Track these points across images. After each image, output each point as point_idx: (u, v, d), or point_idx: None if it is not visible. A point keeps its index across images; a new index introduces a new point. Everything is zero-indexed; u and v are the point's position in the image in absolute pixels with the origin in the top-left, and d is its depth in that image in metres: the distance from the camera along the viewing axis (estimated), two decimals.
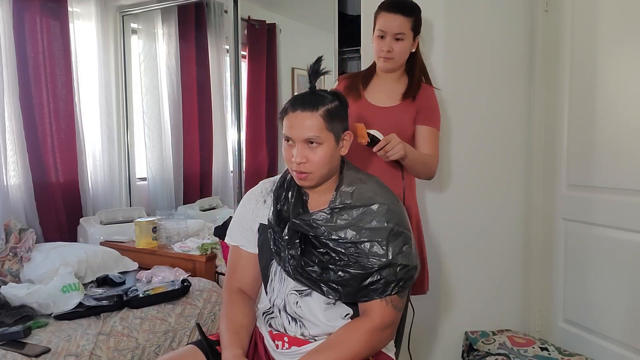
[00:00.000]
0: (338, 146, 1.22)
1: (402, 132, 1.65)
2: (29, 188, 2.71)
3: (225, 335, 1.23)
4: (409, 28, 1.64)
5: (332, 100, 1.20)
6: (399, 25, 1.62)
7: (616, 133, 1.95)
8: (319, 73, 1.23)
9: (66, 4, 2.90)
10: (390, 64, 1.68)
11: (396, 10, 1.62)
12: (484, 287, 2.27)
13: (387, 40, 1.64)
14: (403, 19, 1.62)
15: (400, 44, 1.64)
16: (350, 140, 1.26)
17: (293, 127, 1.18)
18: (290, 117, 1.18)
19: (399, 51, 1.65)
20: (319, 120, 1.16)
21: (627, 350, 1.93)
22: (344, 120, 1.23)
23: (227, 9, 2.94)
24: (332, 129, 1.18)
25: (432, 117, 1.73)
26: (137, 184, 3.42)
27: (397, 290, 1.16)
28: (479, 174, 2.23)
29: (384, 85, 1.75)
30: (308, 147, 1.18)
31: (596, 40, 2.02)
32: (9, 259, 2.37)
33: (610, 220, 1.99)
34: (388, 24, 1.63)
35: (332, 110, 1.19)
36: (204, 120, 3.45)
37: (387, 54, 1.65)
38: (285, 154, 1.22)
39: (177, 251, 2.58)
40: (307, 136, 1.17)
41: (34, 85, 2.76)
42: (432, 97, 1.74)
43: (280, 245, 1.22)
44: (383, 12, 1.65)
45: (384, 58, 1.67)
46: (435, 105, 1.74)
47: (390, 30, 1.63)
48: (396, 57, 1.66)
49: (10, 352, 1.64)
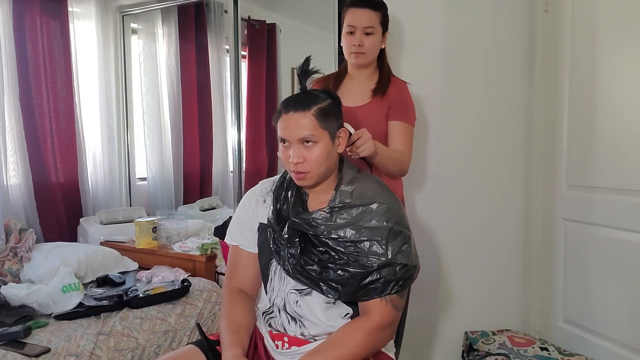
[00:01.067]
0: (334, 144, 1.22)
1: (375, 131, 1.62)
2: (29, 188, 2.71)
3: (225, 335, 1.23)
4: (378, 22, 1.64)
5: (324, 99, 1.20)
6: (369, 19, 1.62)
7: (616, 133, 1.95)
8: (309, 73, 1.24)
9: (66, 4, 2.90)
10: (362, 59, 1.67)
11: (364, 5, 1.63)
12: (484, 287, 2.27)
13: (357, 35, 1.64)
14: (372, 13, 1.63)
15: (370, 38, 1.64)
16: (346, 138, 1.26)
17: (287, 128, 1.19)
18: (284, 119, 1.19)
19: (370, 46, 1.65)
20: (313, 119, 1.17)
21: (627, 350, 1.93)
22: (338, 117, 1.24)
23: (227, 9, 2.94)
24: (326, 127, 1.19)
25: (404, 111, 1.70)
26: (137, 184, 3.42)
27: (397, 290, 1.16)
28: (479, 174, 2.23)
29: (356, 84, 1.74)
30: (304, 146, 1.18)
31: (596, 40, 2.02)
32: (9, 259, 2.37)
33: (610, 220, 1.99)
34: (357, 19, 1.63)
35: (325, 108, 1.19)
36: (204, 120, 3.45)
37: (358, 48, 1.64)
38: (282, 155, 1.22)
39: (177, 251, 2.57)
40: (302, 136, 1.17)
41: (34, 85, 2.76)
42: (403, 92, 1.71)
43: (280, 244, 1.23)
44: (351, 8, 1.65)
45: (356, 53, 1.66)
46: (407, 100, 1.71)
47: (359, 25, 1.63)
48: (368, 51, 1.66)
49: (10, 352, 1.63)
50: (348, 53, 1.69)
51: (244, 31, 3.08)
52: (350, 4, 1.66)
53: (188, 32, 3.37)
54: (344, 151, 1.30)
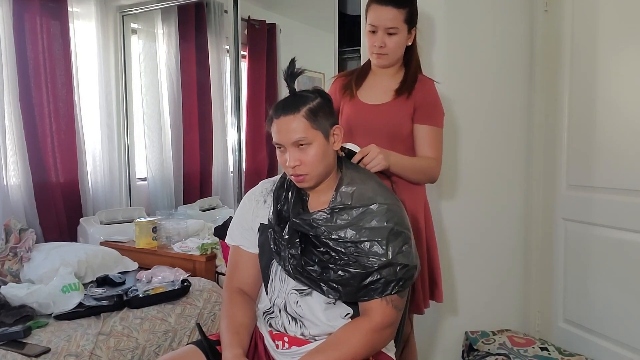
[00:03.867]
0: (329, 142, 1.22)
1: (397, 131, 1.57)
2: (29, 188, 2.71)
3: (225, 335, 1.23)
4: (402, 21, 1.51)
5: (313, 99, 1.20)
6: (392, 19, 1.49)
7: (616, 133, 1.96)
8: (295, 75, 1.23)
9: (66, 4, 2.90)
10: (384, 60, 1.57)
11: (387, 2, 1.49)
12: (484, 287, 2.27)
13: (379, 35, 1.52)
14: (395, 12, 1.49)
15: (393, 38, 1.52)
16: (341, 134, 1.25)
17: (280, 132, 1.19)
18: (275, 124, 1.20)
19: (393, 46, 1.53)
20: (303, 121, 1.17)
21: (627, 350, 1.93)
22: (330, 115, 1.23)
23: (227, 9, 2.94)
24: (318, 126, 1.19)
25: (433, 114, 1.59)
26: (137, 184, 3.42)
27: (397, 290, 1.16)
28: (479, 174, 2.23)
29: (379, 81, 1.63)
30: (299, 149, 1.18)
31: (596, 41, 2.02)
32: (9, 259, 2.37)
33: (610, 220, 1.99)
34: (379, 18, 1.50)
35: (315, 108, 1.19)
36: (204, 120, 3.45)
37: (379, 49, 1.53)
38: (280, 160, 1.23)
39: (177, 251, 2.57)
40: (295, 139, 1.17)
41: (34, 85, 2.76)
42: (431, 92, 1.60)
43: (281, 245, 1.23)
44: (374, 5, 1.52)
45: (377, 54, 1.55)
46: (435, 101, 1.60)
47: (381, 25, 1.50)
48: (390, 52, 1.54)
49: (10, 352, 1.63)
50: (370, 53, 1.58)
51: (244, 31, 3.08)
52: (373, 0, 1.53)
53: (188, 32, 3.37)
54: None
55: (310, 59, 2.91)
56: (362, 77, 1.67)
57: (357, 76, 1.68)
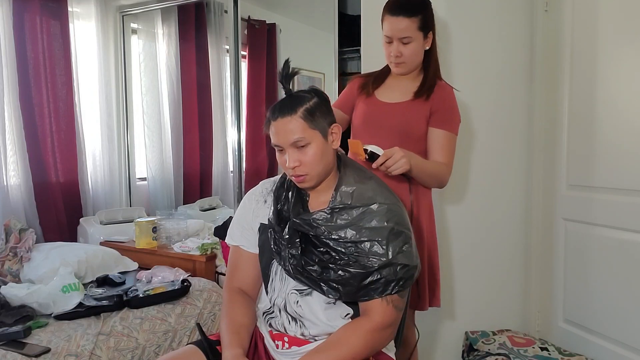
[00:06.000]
0: (328, 141, 1.22)
1: (411, 131, 1.59)
2: (29, 188, 2.71)
3: (225, 335, 1.23)
4: (416, 29, 1.54)
5: (309, 99, 1.20)
6: (404, 29, 1.52)
7: (616, 133, 1.95)
8: (290, 76, 1.24)
9: (66, 4, 2.91)
10: (402, 68, 1.60)
11: (399, 12, 1.52)
12: (484, 287, 2.27)
13: (395, 45, 1.55)
14: (407, 21, 1.52)
15: (409, 47, 1.55)
16: (340, 133, 1.25)
17: (278, 134, 1.19)
18: (273, 126, 1.20)
19: (409, 55, 1.57)
20: (300, 122, 1.17)
21: (627, 350, 1.93)
22: (328, 114, 1.23)
23: (227, 9, 2.94)
24: (316, 126, 1.19)
25: (449, 119, 1.61)
26: (137, 184, 3.42)
27: (398, 290, 1.16)
28: (479, 174, 2.23)
29: (398, 83, 1.67)
30: (297, 150, 1.19)
31: (596, 40, 2.02)
32: (9, 259, 2.37)
33: (610, 220, 1.99)
34: (392, 28, 1.54)
35: (311, 108, 1.18)
36: (204, 120, 3.45)
37: (396, 59, 1.57)
38: (279, 161, 1.23)
39: (177, 251, 2.58)
40: (293, 139, 1.17)
41: (34, 85, 2.76)
42: (449, 98, 1.63)
43: (281, 245, 1.23)
44: (387, 15, 1.56)
45: (395, 63, 1.59)
46: (452, 107, 1.63)
47: (395, 35, 1.54)
48: (407, 60, 1.58)
49: (10, 352, 1.64)
50: (388, 61, 1.62)
51: (244, 31, 3.08)
52: (386, 11, 1.56)
53: (188, 32, 3.37)
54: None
55: (310, 59, 2.91)
56: (382, 78, 1.71)
57: (376, 77, 1.71)
